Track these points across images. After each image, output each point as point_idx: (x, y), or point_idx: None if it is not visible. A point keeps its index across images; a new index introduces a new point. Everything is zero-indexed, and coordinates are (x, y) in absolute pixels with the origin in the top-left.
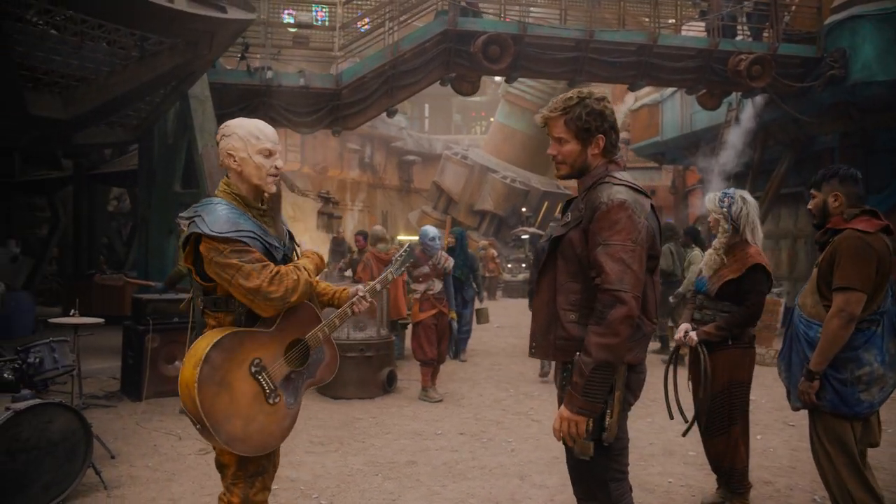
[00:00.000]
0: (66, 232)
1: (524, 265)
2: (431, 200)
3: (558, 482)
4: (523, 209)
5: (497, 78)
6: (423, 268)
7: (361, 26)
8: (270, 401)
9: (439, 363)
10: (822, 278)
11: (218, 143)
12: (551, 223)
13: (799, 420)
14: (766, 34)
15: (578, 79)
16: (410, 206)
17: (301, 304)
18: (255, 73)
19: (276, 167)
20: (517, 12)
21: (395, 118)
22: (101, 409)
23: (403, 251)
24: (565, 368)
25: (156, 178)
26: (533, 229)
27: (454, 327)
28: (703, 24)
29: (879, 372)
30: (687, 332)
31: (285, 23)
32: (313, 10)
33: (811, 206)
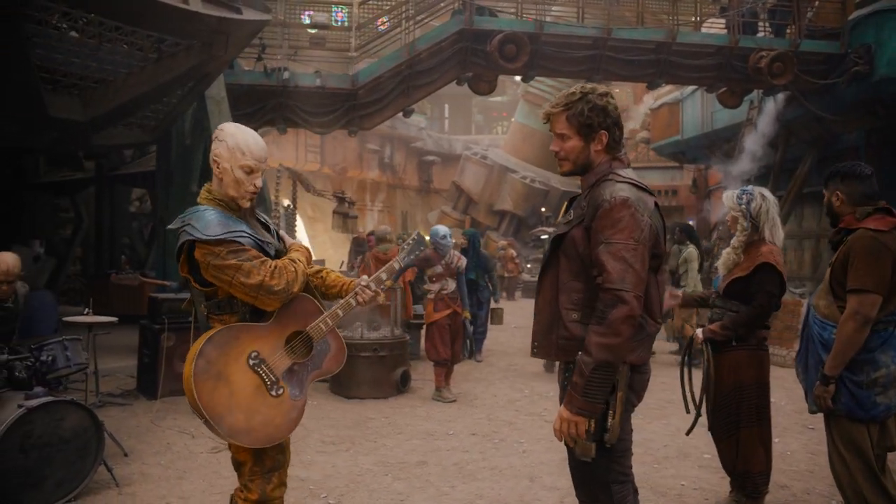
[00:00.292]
0: (89, 232)
1: None
2: (451, 201)
3: (569, 484)
4: (543, 209)
5: (517, 77)
6: (437, 267)
7: (380, 25)
8: (273, 392)
9: (453, 363)
10: (835, 279)
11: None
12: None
13: (818, 423)
14: (788, 30)
15: (596, 77)
16: (430, 207)
17: (299, 296)
18: (272, 73)
19: (255, 185)
20: (535, 11)
21: (413, 118)
22: (117, 408)
23: (412, 239)
24: (567, 368)
25: (173, 178)
26: (552, 229)
27: (468, 327)
28: (723, 21)
29: None
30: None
31: (302, 23)
32: (333, 12)
33: (825, 205)
